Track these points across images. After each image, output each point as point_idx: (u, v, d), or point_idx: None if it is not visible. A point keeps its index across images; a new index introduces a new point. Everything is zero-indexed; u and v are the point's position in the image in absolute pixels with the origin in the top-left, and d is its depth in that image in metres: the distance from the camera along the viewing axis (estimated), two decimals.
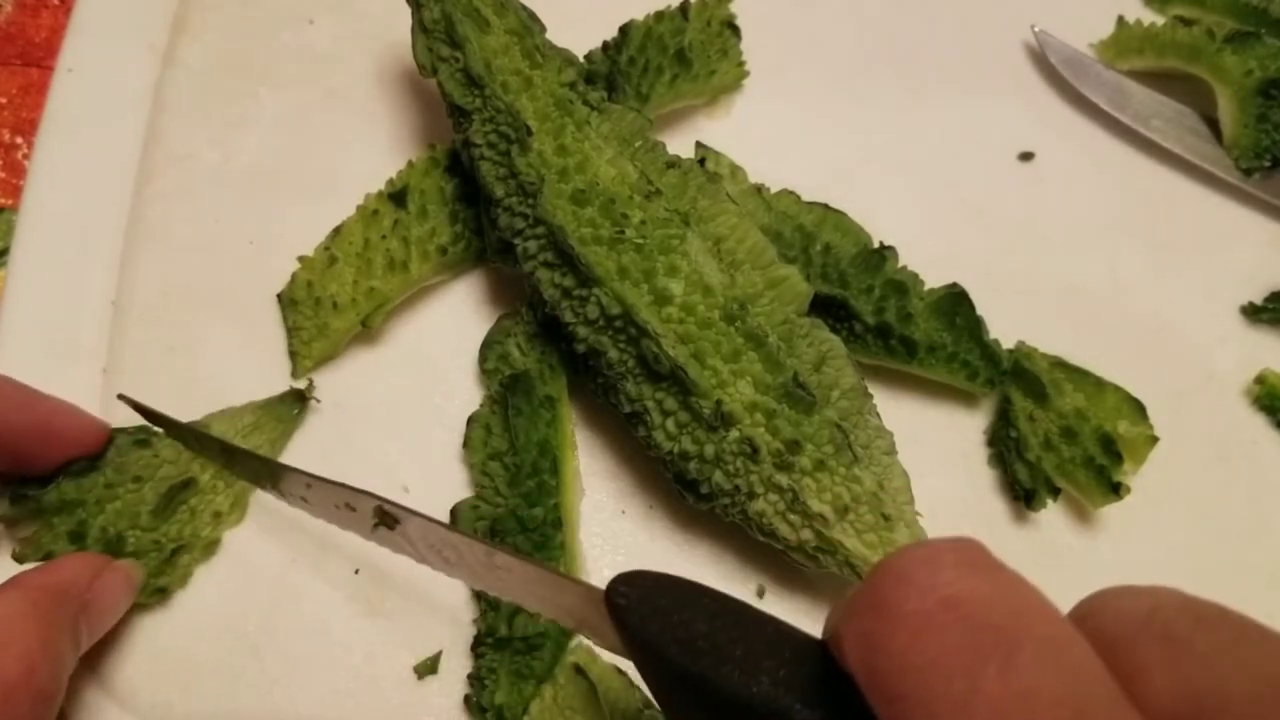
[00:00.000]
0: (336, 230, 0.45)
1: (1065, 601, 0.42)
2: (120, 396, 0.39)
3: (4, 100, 0.52)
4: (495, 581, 0.33)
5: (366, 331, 0.45)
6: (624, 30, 0.48)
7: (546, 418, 0.41)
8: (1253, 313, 0.47)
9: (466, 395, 0.45)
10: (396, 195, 0.45)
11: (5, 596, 0.34)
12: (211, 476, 0.41)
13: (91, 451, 0.39)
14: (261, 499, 0.42)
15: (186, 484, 0.40)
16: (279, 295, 0.46)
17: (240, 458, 0.38)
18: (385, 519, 0.35)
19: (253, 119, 0.51)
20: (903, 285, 0.43)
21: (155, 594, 0.40)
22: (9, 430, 0.37)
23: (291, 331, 0.45)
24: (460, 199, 0.45)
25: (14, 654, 0.32)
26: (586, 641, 0.40)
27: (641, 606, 0.28)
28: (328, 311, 0.44)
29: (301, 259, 0.45)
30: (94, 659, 0.39)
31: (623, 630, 0.28)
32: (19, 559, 0.38)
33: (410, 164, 0.46)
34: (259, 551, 0.42)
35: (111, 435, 0.40)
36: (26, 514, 0.38)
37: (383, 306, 0.44)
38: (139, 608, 0.40)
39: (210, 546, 0.41)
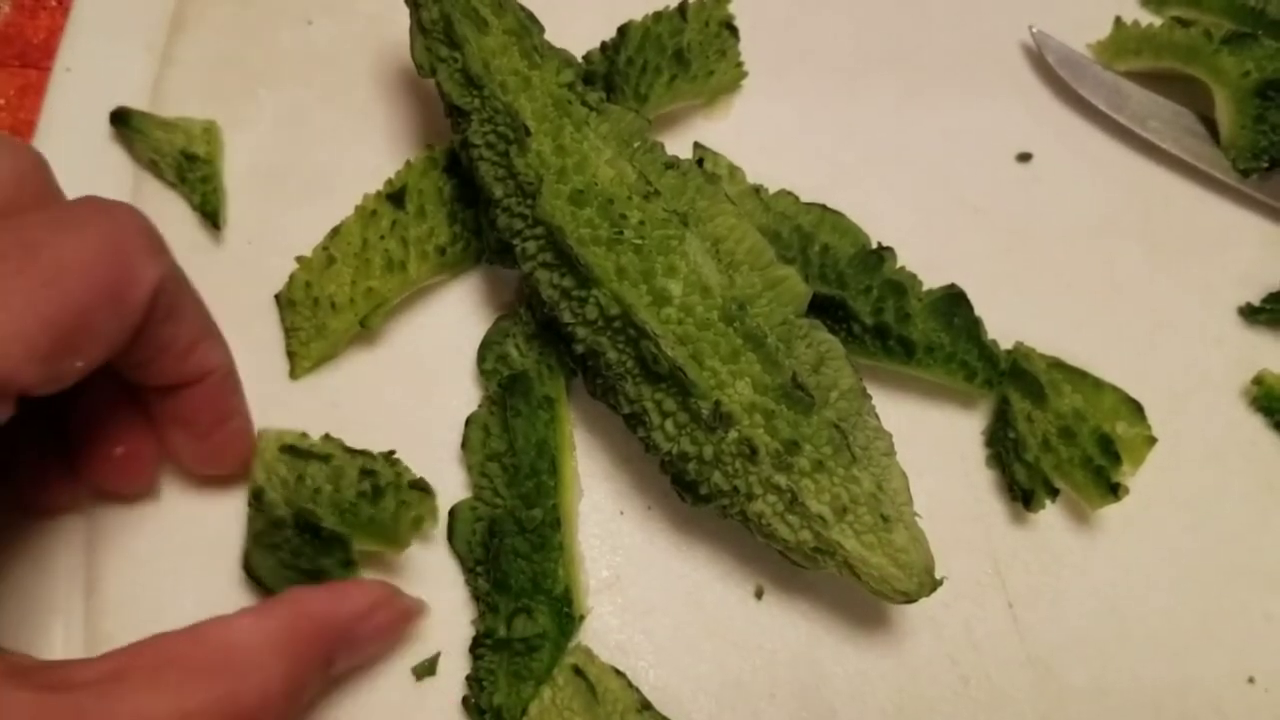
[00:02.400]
0: (335, 230, 0.45)
1: (1065, 603, 0.43)
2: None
3: (2, 101, 0.52)
4: None
5: (365, 332, 0.45)
6: (622, 31, 0.48)
7: (545, 418, 0.41)
8: (1250, 313, 0.48)
9: (464, 396, 0.45)
10: (395, 195, 0.45)
11: (266, 622, 0.33)
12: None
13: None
14: None
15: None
16: (277, 296, 0.45)
17: None
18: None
19: (251, 119, 0.51)
20: (901, 286, 0.43)
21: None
22: (201, 406, 0.39)
23: (289, 332, 0.45)
24: (459, 199, 0.45)
25: (253, 684, 0.31)
26: (585, 643, 0.40)
27: None
28: (326, 312, 0.44)
29: (299, 259, 0.45)
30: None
31: None
32: None
33: (409, 164, 0.46)
34: None
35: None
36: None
37: (381, 307, 0.44)
38: None
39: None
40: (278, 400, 0.44)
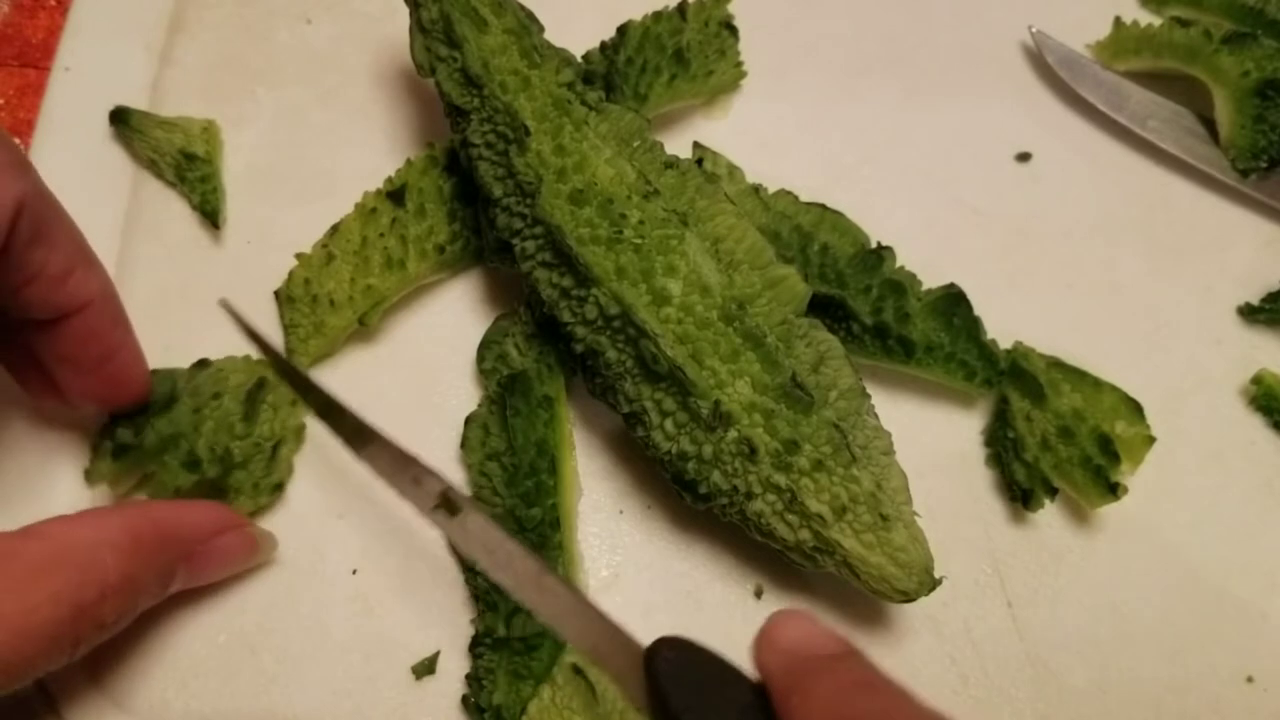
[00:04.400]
0: (334, 228, 0.45)
1: (1064, 603, 0.43)
2: (222, 302, 0.40)
3: (1, 101, 0.52)
4: (537, 599, 0.33)
5: (364, 330, 0.45)
6: (622, 30, 0.48)
7: (544, 418, 0.41)
8: (1249, 313, 0.48)
9: (464, 395, 0.45)
10: (395, 193, 0.45)
11: (107, 522, 0.34)
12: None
13: (132, 398, 0.40)
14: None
15: (260, 385, 0.42)
16: (276, 292, 0.46)
17: (335, 411, 0.38)
18: (448, 504, 0.35)
19: (250, 119, 0.51)
20: (900, 285, 0.43)
21: (273, 491, 0.41)
22: (88, 337, 0.38)
23: (288, 329, 0.45)
24: (458, 198, 0.45)
25: (91, 579, 0.32)
26: None
27: (681, 676, 0.28)
28: (325, 309, 0.44)
29: (299, 256, 0.45)
30: (90, 659, 0.39)
31: (655, 693, 0.28)
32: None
33: (409, 162, 0.46)
34: None
35: (173, 372, 0.42)
36: (132, 461, 0.39)
37: (380, 304, 0.44)
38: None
39: (299, 433, 0.43)
40: None
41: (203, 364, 0.42)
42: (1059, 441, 0.41)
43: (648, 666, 0.29)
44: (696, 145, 0.48)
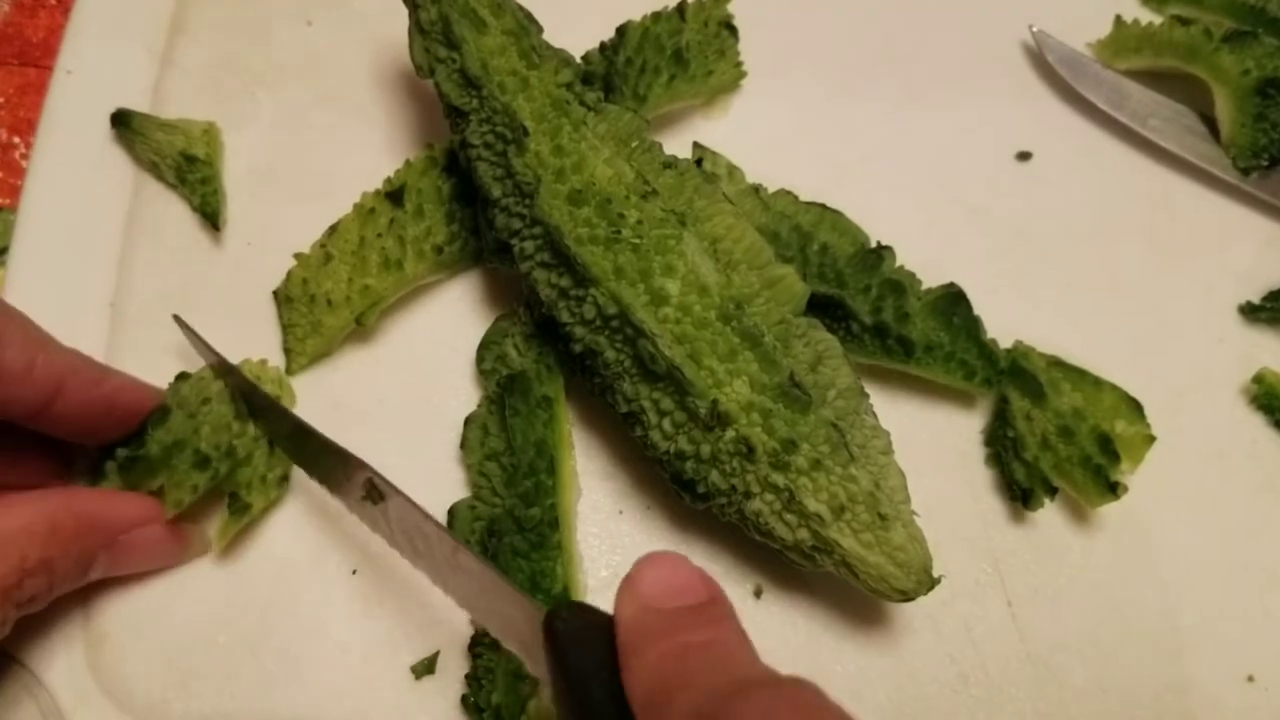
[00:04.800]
0: (333, 228, 0.45)
1: (1064, 602, 0.43)
2: (175, 317, 0.42)
3: (2, 100, 0.53)
4: (454, 582, 0.34)
5: (362, 330, 0.45)
6: (621, 31, 0.48)
7: (543, 418, 0.41)
8: (1250, 312, 0.47)
9: (463, 396, 0.45)
10: (394, 194, 0.45)
11: (27, 509, 0.36)
12: (251, 371, 0.43)
13: (143, 416, 0.40)
14: None
15: (235, 391, 0.42)
16: (275, 292, 0.46)
17: (262, 406, 0.40)
18: (373, 492, 0.36)
19: (250, 119, 0.51)
20: (900, 285, 0.43)
21: (281, 483, 0.42)
22: (80, 406, 0.38)
23: (286, 328, 0.45)
24: (457, 199, 0.45)
25: (11, 564, 0.34)
26: None
27: (578, 637, 0.28)
28: (322, 308, 0.44)
29: (297, 256, 0.45)
30: (92, 658, 0.40)
31: (554, 654, 0.29)
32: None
33: (408, 163, 0.46)
34: (257, 552, 0.42)
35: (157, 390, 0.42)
36: (140, 474, 0.40)
37: (377, 305, 0.44)
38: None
39: None
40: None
41: (183, 376, 0.42)
42: (1059, 441, 0.41)
43: (547, 630, 0.29)
44: (696, 145, 0.48)
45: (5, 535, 0.35)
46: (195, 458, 0.40)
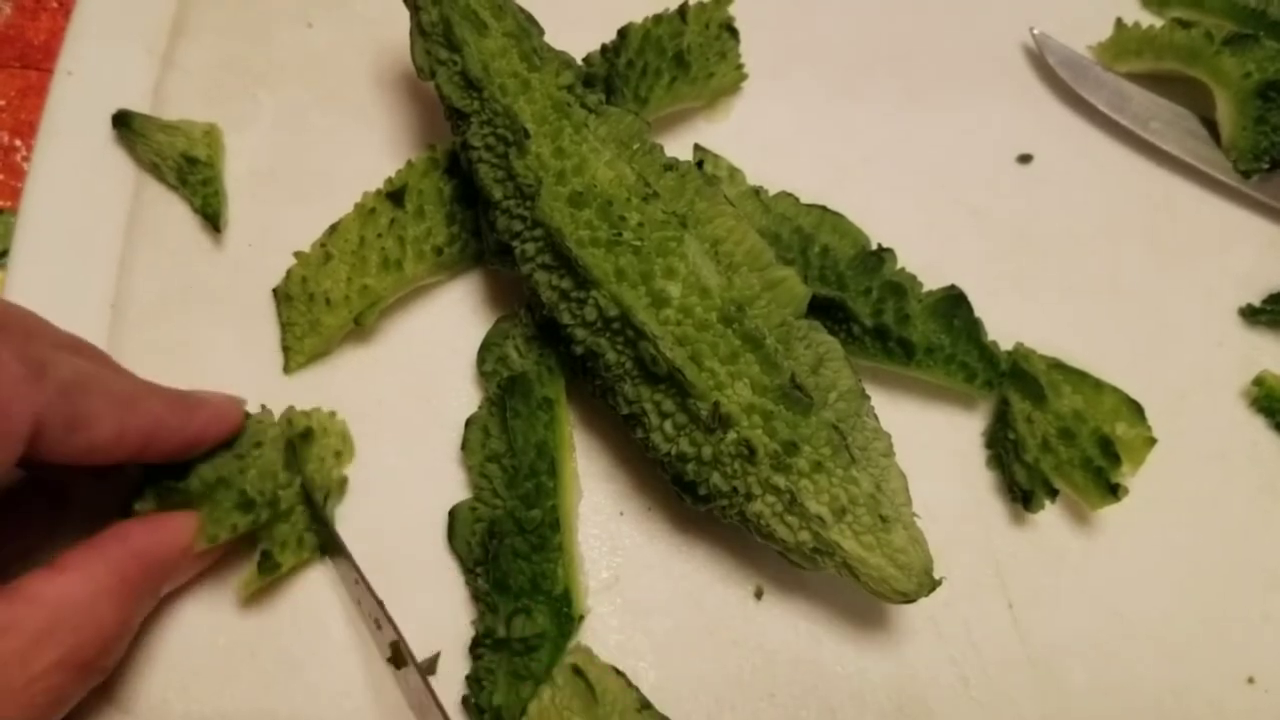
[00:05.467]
0: (333, 227, 0.45)
1: (1065, 604, 0.43)
2: (324, 525, 0.40)
3: (3, 103, 0.53)
4: None
5: (362, 331, 0.45)
6: (622, 33, 0.48)
7: (544, 419, 0.41)
8: (1251, 314, 0.47)
9: (464, 397, 0.45)
10: (394, 194, 0.45)
11: (94, 570, 0.34)
12: (319, 423, 0.42)
13: (228, 438, 0.40)
14: None
15: (304, 435, 0.41)
16: (274, 290, 0.46)
17: (328, 536, 0.39)
18: (396, 656, 0.38)
19: (251, 121, 0.51)
20: (901, 287, 0.43)
21: (314, 550, 0.41)
22: (168, 454, 0.37)
23: (285, 327, 0.45)
24: (458, 200, 0.45)
25: (90, 636, 0.33)
26: (585, 643, 0.40)
27: None
28: (321, 307, 0.44)
29: (297, 255, 0.45)
30: None
31: None
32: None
33: (409, 163, 0.46)
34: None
35: None
36: (174, 504, 0.39)
37: (376, 305, 0.44)
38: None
39: (342, 485, 0.43)
40: (279, 403, 0.43)
41: (245, 414, 0.41)
42: (1060, 443, 0.41)
43: None
44: (697, 147, 0.48)
45: (83, 608, 0.33)
46: (240, 498, 0.39)
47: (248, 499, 0.39)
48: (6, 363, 0.31)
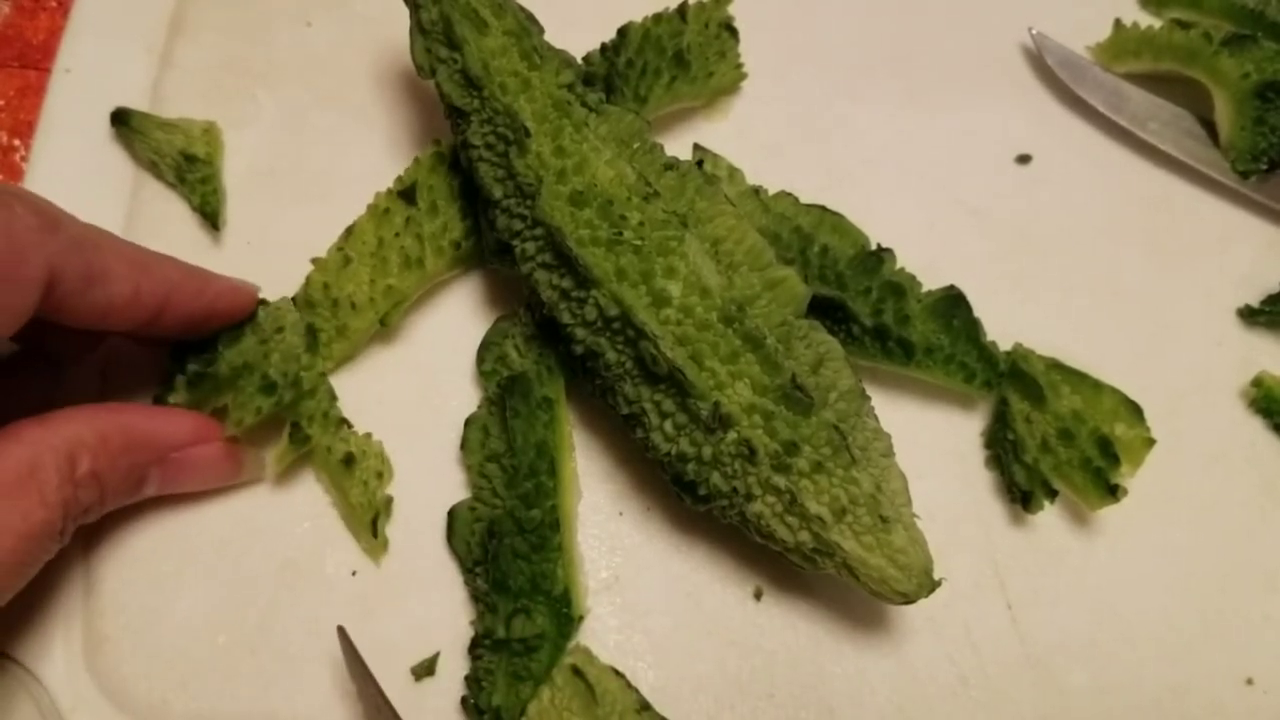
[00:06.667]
0: (349, 230, 0.45)
1: (1064, 604, 0.43)
2: (339, 630, 0.39)
3: (1, 102, 0.52)
4: None
5: (383, 331, 0.45)
6: (622, 32, 0.48)
7: (544, 419, 0.41)
8: (1249, 315, 0.48)
9: (464, 397, 0.45)
10: (406, 192, 0.45)
11: (79, 422, 0.36)
12: (358, 446, 0.43)
13: (242, 317, 0.42)
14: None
15: (345, 461, 0.42)
16: (294, 298, 0.45)
17: (361, 675, 0.39)
18: None
19: (251, 120, 0.51)
20: (900, 287, 0.43)
21: (340, 423, 0.43)
22: (183, 318, 0.39)
23: (311, 334, 0.45)
24: (468, 194, 0.45)
25: (62, 473, 0.35)
26: (584, 643, 0.40)
27: None
28: (346, 312, 0.44)
29: (315, 261, 0.45)
30: (91, 658, 0.39)
31: None
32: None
33: (417, 160, 0.46)
34: (257, 552, 0.42)
35: None
36: (206, 390, 0.41)
37: (400, 304, 0.44)
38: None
39: (388, 505, 0.43)
40: None
41: (262, 303, 0.43)
42: (1059, 443, 0.41)
43: None
44: (697, 147, 0.48)
45: (53, 446, 0.35)
46: (263, 382, 0.41)
47: (270, 381, 0.40)
48: (21, 214, 0.33)
